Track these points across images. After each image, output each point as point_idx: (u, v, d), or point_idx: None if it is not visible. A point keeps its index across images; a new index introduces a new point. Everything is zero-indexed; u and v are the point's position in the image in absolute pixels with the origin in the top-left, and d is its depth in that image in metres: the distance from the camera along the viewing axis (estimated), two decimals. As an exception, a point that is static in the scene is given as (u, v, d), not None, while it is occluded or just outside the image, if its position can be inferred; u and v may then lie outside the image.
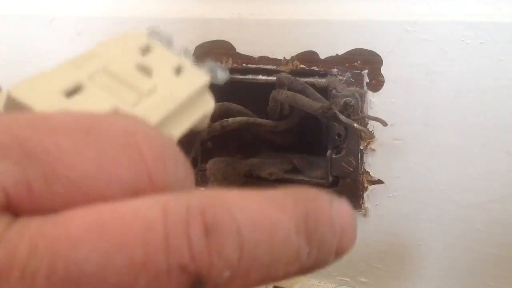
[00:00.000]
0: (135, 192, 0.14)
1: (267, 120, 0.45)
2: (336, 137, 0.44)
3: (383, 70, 0.42)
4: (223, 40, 0.47)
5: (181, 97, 0.21)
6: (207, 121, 0.23)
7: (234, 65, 0.46)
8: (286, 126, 0.45)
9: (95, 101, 0.19)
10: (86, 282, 0.13)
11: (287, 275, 0.15)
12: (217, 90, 0.23)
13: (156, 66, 0.21)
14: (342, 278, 0.49)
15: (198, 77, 0.22)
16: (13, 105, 0.18)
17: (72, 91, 0.19)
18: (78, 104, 0.19)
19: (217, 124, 0.43)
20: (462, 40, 0.39)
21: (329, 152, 0.44)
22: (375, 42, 0.42)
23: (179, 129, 0.21)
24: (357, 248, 0.52)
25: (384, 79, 0.42)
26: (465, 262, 0.43)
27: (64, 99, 0.19)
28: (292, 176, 0.47)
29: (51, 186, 0.14)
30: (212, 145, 0.50)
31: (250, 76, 0.46)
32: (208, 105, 0.22)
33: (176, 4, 0.49)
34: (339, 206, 0.16)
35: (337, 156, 0.44)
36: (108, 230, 0.13)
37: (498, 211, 0.41)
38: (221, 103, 0.44)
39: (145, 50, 0.22)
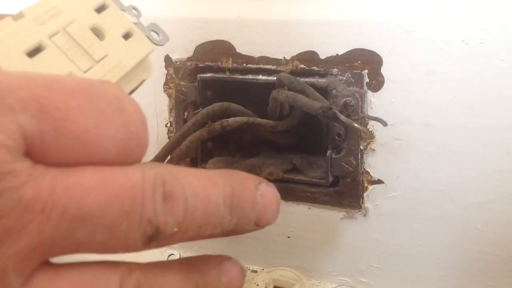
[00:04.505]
0: (125, 147, 0.18)
1: (267, 120, 0.45)
2: (336, 137, 0.44)
3: (383, 70, 0.42)
4: (223, 40, 0.47)
5: (128, 66, 0.23)
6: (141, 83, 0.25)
7: (234, 65, 0.46)
8: (286, 126, 0.45)
9: (54, 64, 0.21)
10: (89, 221, 0.17)
11: (213, 235, 0.20)
12: (217, 90, 0.23)
13: (108, 29, 0.23)
14: (342, 278, 0.49)
15: (144, 46, 0.24)
16: None
17: (34, 51, 0.21)
18: (39, 65, 0.21)
19: (217, 124, 0.43)
20: (462, 40, 0.39)
21: (329, 152, 0.44)
22: (375, 42, 0.42)
23: None
24: (357, 248, 0.53)
25: (384, 79, 0.42)
26: (465, 262, 0.43)
27: (27, 58, 0.20)
28: (292, 176, 0.47)
29: (60, 138, 0.17)
30: (212, 145, 0.50)
31: (250, 76, 0.46)
32: (148, 72, 0.25)
33: (176, 4, 0.49)
34: (265, 189, 0.21)
35: (337, 156, 0.44)
36: (109, 184, 0.17)
37: (498, 211, 0.41)
38: (221, 103, 0.44)
39: (101, 8, 0.24)
